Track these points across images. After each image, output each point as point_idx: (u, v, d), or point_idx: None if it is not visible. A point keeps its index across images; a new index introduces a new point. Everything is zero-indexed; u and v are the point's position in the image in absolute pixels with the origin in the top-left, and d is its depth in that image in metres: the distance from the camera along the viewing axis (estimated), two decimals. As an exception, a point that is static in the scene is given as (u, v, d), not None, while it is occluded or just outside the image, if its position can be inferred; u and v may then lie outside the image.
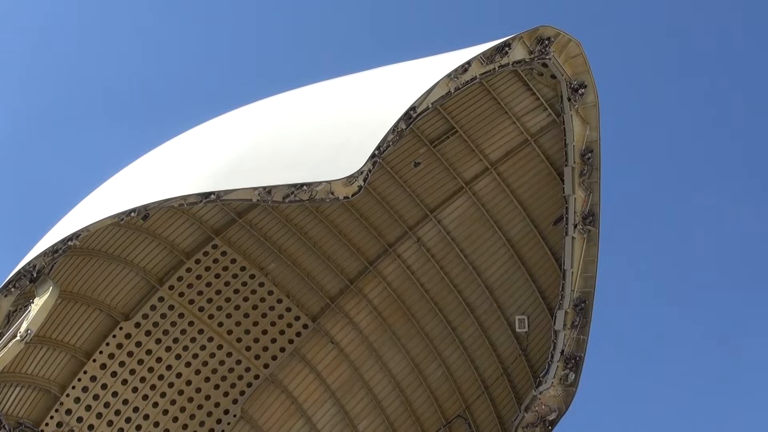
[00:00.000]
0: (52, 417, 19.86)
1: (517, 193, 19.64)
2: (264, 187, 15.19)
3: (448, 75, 15.87)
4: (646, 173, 47.69)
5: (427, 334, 20.70)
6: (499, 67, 16.91)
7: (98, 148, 47.09)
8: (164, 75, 49.66)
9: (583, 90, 17.75)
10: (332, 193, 15.22)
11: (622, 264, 43.02)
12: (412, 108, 15.43)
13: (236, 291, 21.02)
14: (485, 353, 20.30)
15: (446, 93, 16.23)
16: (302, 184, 15.01)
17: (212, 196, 15.46)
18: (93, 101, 49.05)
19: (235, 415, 21.49)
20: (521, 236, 19.80)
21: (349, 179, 14.86)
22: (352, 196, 15.44)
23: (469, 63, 16.14)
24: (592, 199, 18.13)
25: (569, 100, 17.75)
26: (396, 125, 15.19)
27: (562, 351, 18.07)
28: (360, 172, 14.84)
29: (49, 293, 15.97)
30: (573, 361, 18.04)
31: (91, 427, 20.30)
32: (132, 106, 49.23)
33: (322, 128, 16.84)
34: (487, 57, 16.46)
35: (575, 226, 18.04)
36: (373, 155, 14.97)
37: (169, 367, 20.91)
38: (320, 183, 14.97)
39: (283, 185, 15.12)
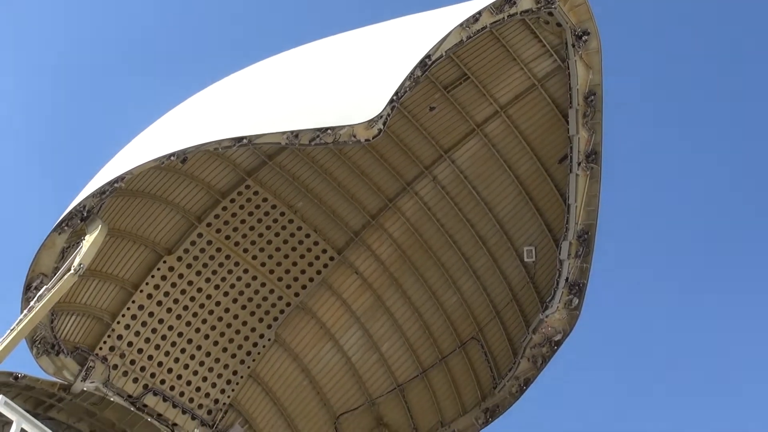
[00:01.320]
0: (105, 342, 20.29)
1: (525, 134, 19.62)
2: (292, 131, 15.19)
3: (460, 24, 15.85)
4: (648, 115, 47.48)
5: (443, 264, 20.89)
6: (507, 16, 16.78)
7: (138, 97, 48.10)
8: (198, 29, 50.00)
9: (586, 37, 17.61)
10: (354, 136, 15.26)
11: (622, 199, 43.12)
12: (427, 56, 15.45)
13: (268, 227, 21.23)
14: (496, 281, 20.50)
15: (459, 41, 16.21)
16: (327, 128, 15.03)
17: (244, 140, 15.50)
18: (132, 56, 49.73)
19: (269, 339, 21.91)
20: (529, 174, 19.84)
21: (370, 123, 14.89)
22: (373, 138, 15.46)
23: (479, 13, 16.07)
24: (594, 138, 18.10)
25: (573, 46, 17.62)
26: (412, 72, 15.20)
27: (567, 278, 18.26)
28: (380, 116, 14.86)
29: (98, 231, 16.24)
30: (577, 287, 18.27)
31: (140, 350, 20.77)
32: (168, 58, 49.93)
33: (344, 76, 16.86)
34: (496, 7, 16.35)
35: (579, 164, 18.04)
36: (391, 100, 14.99)
37: (209, 297, 21.26)
38: (343, 127, 15.00)
39: (309, 129, 15.13)
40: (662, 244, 48.09)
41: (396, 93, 15.08)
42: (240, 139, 15.46)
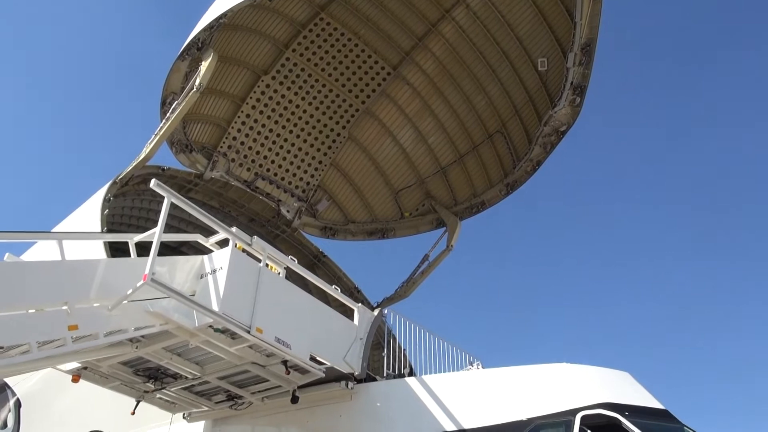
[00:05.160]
0: (224, 142, 21.16)
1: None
2: None
3: None
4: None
5: (474, 75, 20.46)
6: None
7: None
8: None
9: None
10: None
11: (621, 18, 41.03)
12: None
13: (339, 50, 20.97)
14: (517, 87, 20.07)
15: None
16: None
17: (317, -20, 15.19)
18: None
19: (344, 137, 22.40)
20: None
21: None
22: None
23: None
24: None
25: None
26: None
27: (572, 82, 17.81)
28: None
29: (211, 57, 16.57)
30: (579, 88, 17.86)
31: (250, 147, 21.60)
32: None
33: None
34: None
35: None
36: None
37: (297, 106, 21.58)
38: None
39: None
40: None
41: None
42: None
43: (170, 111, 17.10)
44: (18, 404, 17.84)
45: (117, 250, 13.76)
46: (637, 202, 46.97)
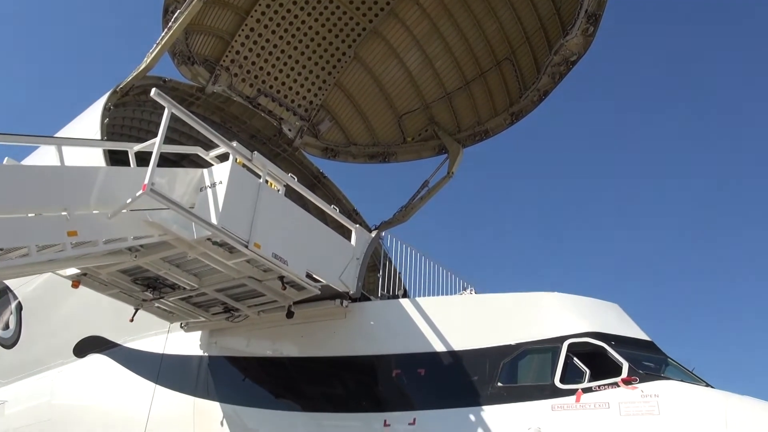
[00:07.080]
0: (227, 55, 20.66)
1: None
2: None
3: None
4: None
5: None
6: None
7: None
8: None
9: None
10: None
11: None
12: None
13: (348, -36, 20.13)
14: (529, 13, 19.28)
15: None
16: None
17: None
18: None
19: (350, 56, 21.80)
20: None
21: None
22: None
23: None
24: None
25: None
26: None
27: (586, 9, 17.09)
28: None
29: None
30: (594, 17, 17.17)
31: (253, 63, 21.12)
32: None
33: None
34: None
35: None
36: None
37: (303, 22, 20.91)
38: None
39: None
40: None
41: None
42: None
43: (172, 20, 16.69)
44: (19, 307, 18.27)
45: (117, 161, 13.73)
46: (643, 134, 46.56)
